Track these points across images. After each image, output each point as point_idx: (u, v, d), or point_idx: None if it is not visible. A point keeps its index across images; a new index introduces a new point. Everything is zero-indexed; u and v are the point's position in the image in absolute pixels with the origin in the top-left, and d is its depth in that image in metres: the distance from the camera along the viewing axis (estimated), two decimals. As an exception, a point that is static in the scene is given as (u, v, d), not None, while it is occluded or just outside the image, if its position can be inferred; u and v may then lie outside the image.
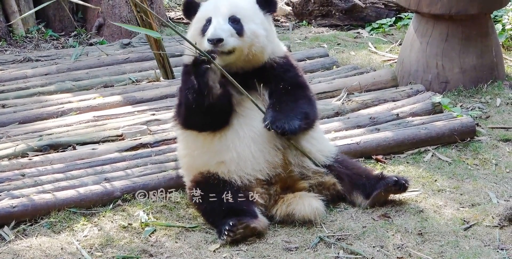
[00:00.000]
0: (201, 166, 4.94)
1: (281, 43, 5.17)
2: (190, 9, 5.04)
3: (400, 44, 8.67)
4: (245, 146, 4.84)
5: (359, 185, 5.03)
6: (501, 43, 8.05)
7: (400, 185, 4.97)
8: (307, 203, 4.83)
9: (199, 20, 4.96)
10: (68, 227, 4.88)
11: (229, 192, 4.79)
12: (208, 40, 4.73)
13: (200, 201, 4.87)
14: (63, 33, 10.01)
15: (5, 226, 4.85)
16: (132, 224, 4.89)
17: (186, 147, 5.08)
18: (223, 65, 4.79)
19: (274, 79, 4.94)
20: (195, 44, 4.69)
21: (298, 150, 4.95)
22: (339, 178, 5.05)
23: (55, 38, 9.83)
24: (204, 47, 4.75)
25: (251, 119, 4.87)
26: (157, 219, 4.96)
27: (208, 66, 4.64)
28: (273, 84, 4.94)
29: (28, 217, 4.93)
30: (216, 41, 4.71)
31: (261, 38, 4.86)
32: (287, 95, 4.90)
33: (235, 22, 4.82)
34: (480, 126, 6.34)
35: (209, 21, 4.85)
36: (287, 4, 10.94)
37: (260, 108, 4.83)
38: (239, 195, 4.79)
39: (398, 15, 10.16)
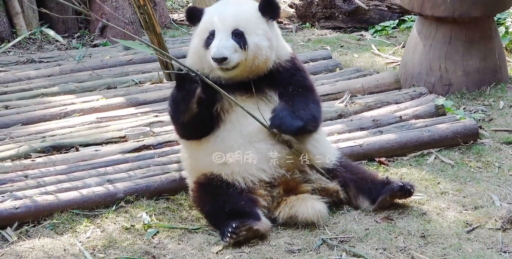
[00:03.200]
0: (204, 167, 4.94)
1: (286, 45, 5.16)
2: (193, 16, 5.04)
3: (403, 47, 8.67)
4: (248, 143, 4.85)
5: (364, 190, 5.02)
6: (504, 45, 8.04)
7: (406, 191, 4.96)
8: (310, 206, 4.82)
9: (202, 31, 4.96)
10: (71, 228, 4.88)
11: (232, 194, 4.79)
12: (212, 58, 4.76)
13: (203, 203, 4.88)
14: (66, 34, 10.01)
15: (8, 227, 4.86)
16: (135, 225, 4.89)
17: (189, 149, 5.09)
18: (228, 78, 4.84)
19: (281, 83, 4.95)
20: (199, 56, 4.86)
21: (308, 164, 4.99)
22: (344, 183, 5.04)
23: (58, 39, 9.84)
24: (209, 63, 4.81)
25: (253, 119, 4.86)
26: (160, 221, 4.96)
27: (197, 86, 4.70)
28: (281, 88, 4.95)
29: (31, 218, 4.93)
30: (221, 60, 4.74)
31: (264, 50, 4.85)
32: (298, 96, 4.91)
33: (238, 36, 4.81)
34: (483, 128, 6.34)
35: (212, 34, 4.86)
36: (291, 6, 10.95)
37: (255, 118, 4.81)
38: (242, 197, 4.79)
39: (401, 18, 10.15)
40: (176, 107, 4.84)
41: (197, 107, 4.79)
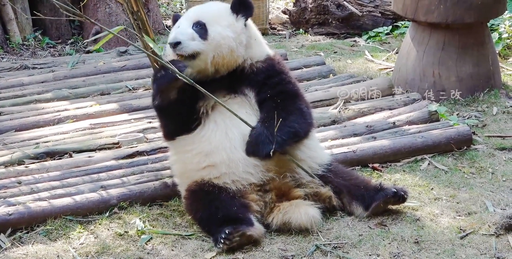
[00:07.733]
0: (192, 171, 4.94)
1: (266, 48, 5.15)
2: (176, 22, 5.12)
3: (396, 53, 8.69)
4: (234, 147, 4.85)
5: (358, 196, 5.01)
6: (497, 51, 8.07)
7: (399, 197, 4.96)
8: (304, 211, 4.82)
9: (173, 29, 5.04)
10: (64, 234, 4.87)
11: (224, 199, 4.79)
12: (168, 44, 4.82)
13: (196, 209, 4.87)
14: (60, 40, 10.01)
15: (1, 234, 4.84)
16: (128, 231, 4.89)
17: (176, 153, 5.10)
18: (196, 71, 4.86)
19: (257, 84, 4.96)
20: (166, 51, 4.91)
21: (294, 162, 4.96)
22: (337, 189, 5.03)
23: (51, 45, 9.84)
24: (170, 52, 4.86)
25: (239, 120, 4.85)
26: (153, 227, 4.95)
27: (163, 73, 4.83)
28: (258, 90, 4.95)
29: (24, 225, 4.92)
30: (175, 45, 4.80)
31: (227, 39, 4.86)
32: (277, 109, 4.86)
33: (199, 26, 4.86)
34: (477, 134, 6.35)
35: (178, 28, 4.92)
36: (284, 12, 10.97)
37: (238, 116, 4.81)
38: (235, 202, 4.79)
39: (395, 24, 10.19)
40: (153, 91, 5.07)
41: (176, 94, 4.87)
